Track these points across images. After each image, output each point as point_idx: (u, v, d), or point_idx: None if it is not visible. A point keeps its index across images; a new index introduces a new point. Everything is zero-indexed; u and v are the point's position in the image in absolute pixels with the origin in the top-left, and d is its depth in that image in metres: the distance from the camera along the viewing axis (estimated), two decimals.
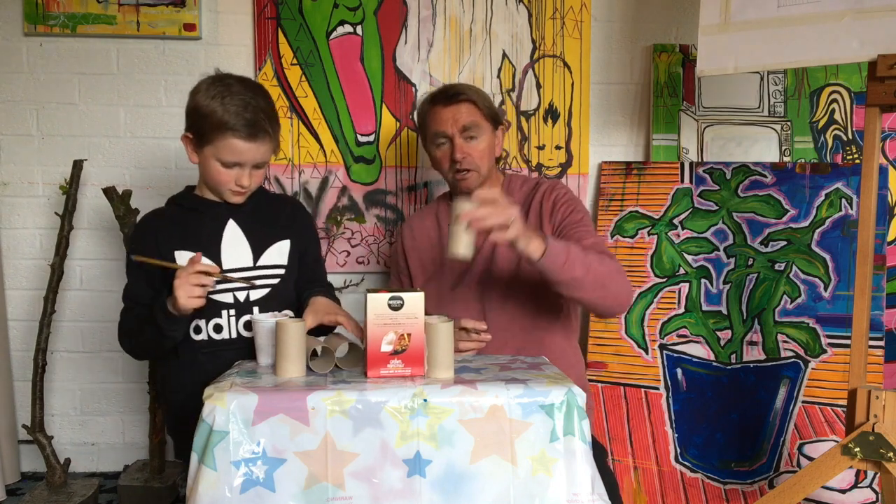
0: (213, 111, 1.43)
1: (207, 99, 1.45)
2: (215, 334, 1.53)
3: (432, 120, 1.68)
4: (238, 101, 1.44)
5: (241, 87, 1.47)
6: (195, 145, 1.51)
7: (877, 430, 1.41)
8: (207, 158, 1.49)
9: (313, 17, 2.19)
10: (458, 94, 1.66)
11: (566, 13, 2.21)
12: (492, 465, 1.12)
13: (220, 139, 1.45)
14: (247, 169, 1.50)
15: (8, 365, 2.23)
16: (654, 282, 2.11)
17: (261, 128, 1.46)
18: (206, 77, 1.52)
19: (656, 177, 2.17)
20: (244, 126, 1.44)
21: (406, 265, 1.78)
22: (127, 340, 1.57)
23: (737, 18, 1.63)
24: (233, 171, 1.49)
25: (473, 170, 1.65)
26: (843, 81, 2.18)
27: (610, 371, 2.09)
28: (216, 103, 1.44)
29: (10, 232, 2.25)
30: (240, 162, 1.48)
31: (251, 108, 1.45)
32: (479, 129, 1.65)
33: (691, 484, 1.97)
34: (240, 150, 1.46)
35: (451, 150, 1.64)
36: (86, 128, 2.23)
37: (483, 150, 1.66)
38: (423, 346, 1.23)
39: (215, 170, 1.49)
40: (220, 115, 1.43)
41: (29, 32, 2.17)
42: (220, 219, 1.56)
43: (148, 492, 2.03)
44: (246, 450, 1.09)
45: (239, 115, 1.43)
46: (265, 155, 1.51)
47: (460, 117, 1.63)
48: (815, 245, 2.03)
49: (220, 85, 1.46)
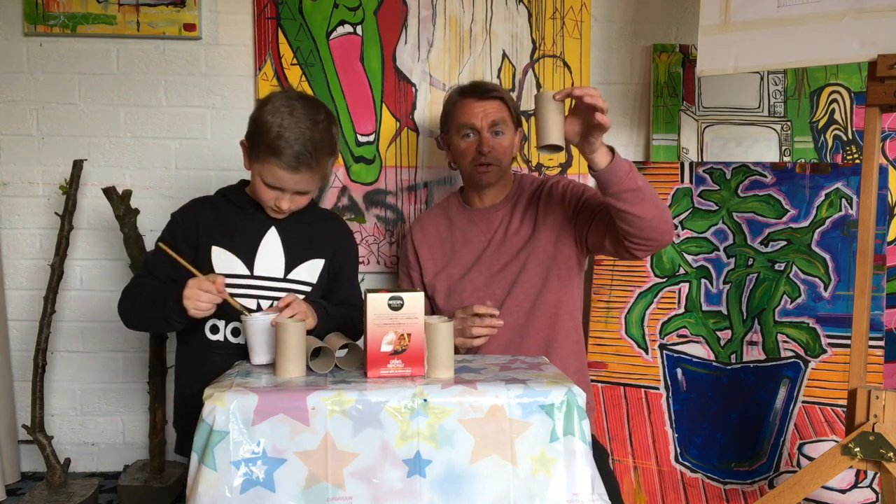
0: (268, 131, 1.42)
1: (269, 115, 1.43)
2: (232, 337, 1.53)
3: (461, 111, 1.70)
4: (295, 131, 1.42)
5: (305, 114, 1.44)
6: (249, 155, 1.51)
7: (877, 430, 1.41)
8: (255, 173, 1.50)
9: (313, 17, 2.19)
10: (490, 90, 1.71)
11: (566, 13, 2.21)
12: (492, 465, 1.12)
13: (265, 160, 1.44)
14: (287, 194, 1.49)
15: (8, 365, 2.23)
16: (654, 282, 2.11)
17: (305, 162, 1.43)
18: (279, 91, 1.52)
19: (656, 177, 2.17)
20: (289, 157, 1.42)
21: (416, 259, 1.79)
22: (129, 309, 1.54)
23: (737, 18, 1.63)
24: (273, 192, 1.49)
25: (496, 164, 1.69)
26: (843, 81, 2.18)
27: (610, 371, 2.09)
28: (275, 125, 1.42)
29: (10, 232, 2.25)
30: (281, 188, 1.48)
31: (302, 141, 1.42)
32: (505, 125, 1.70)
33: (691, 484, 1.97)
34: (281, 178, 1.46)
35: (479, 143, 1.68)
36: (86, 128, 2.22)
37: (507, 147, 1.71)
38: (423, 346, 1.23)
39: (259, 186, 1.50)
40: (272, 139, 1.42)
41: (29, 32, 2.17)
42: (263, 223, 1.57)
43: (148, 492, 2.03)
44: (246, 450, 1.09)
45: (289, 145, 1.41)
46: (308, 185, 1.50)
47: (491, 112, 1.68)
48: (815, 245, 2.03)
49: (287, 106, 1.44)
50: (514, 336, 1.65)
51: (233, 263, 1.53)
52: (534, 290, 1.65)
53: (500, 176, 1.72)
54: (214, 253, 1.53)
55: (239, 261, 1.54)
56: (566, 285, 1.67)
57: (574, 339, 1.69)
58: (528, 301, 1.65)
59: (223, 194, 1.63)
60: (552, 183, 1.73)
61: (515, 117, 1.74)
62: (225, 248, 1.54)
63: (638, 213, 1.42)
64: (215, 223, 1.56)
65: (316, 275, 1.60)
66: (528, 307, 1.65)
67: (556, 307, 1.66)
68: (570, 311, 1.68)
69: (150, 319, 1.52)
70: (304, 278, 1.58)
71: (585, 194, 1.67)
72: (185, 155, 2.24)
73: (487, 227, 1.74)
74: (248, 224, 1.56)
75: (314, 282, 1.59)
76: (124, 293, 1.56)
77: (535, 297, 1.65)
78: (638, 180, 1.41)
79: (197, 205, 1.61)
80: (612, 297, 2.13)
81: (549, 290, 1.65)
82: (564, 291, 1.67)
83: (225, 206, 1.59)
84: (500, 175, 1.72)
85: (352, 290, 1.69)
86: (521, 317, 1.65)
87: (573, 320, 1.69)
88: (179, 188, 2.24)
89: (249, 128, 1.50)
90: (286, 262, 1.57)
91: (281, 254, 1.57)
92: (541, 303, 1.65)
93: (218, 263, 1.53)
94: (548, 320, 1.65)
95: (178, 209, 1.62)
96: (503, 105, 1.70)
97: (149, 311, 1.48)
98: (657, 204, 1.45)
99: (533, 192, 1.74)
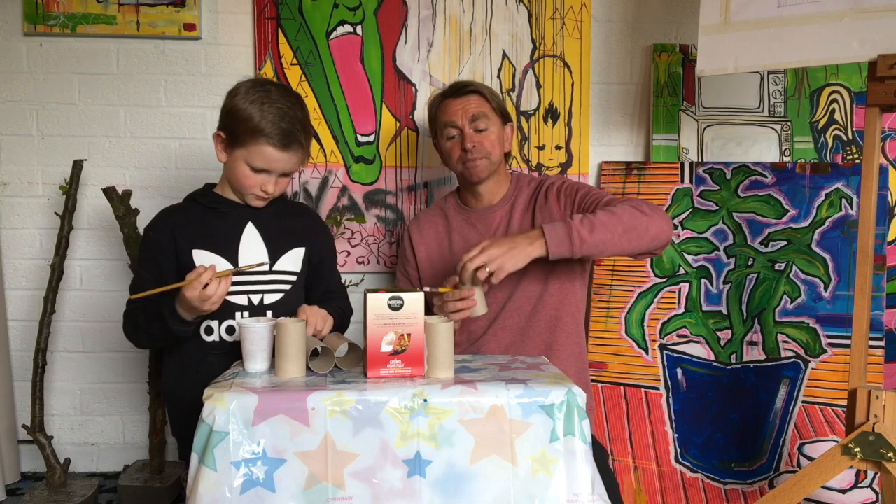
0: (250, 116, 1.45)
1: (246, 102, 1.46)
2: (227, 336, 1.53)
3: (443, 113, 1.71)
4: (276, 110, 1.45)
5: (280, 95, 1.48)
6: (226, 145, 1.52)
7: (877, 430, 1.41)
8: (237, 160, 1.50)
9: (313, 16, 2.19)
10: (466, 85, 1.70)
11: (566, 13, 2.21)
12: (492, 465, 1.11)
13: (253, 144, 1.46)
14: (273, 176, 1.52)
15: (8, 365, 2.23)
16: (654, 282, 2.11)
17: (295, 138, 1.48)
18: (245, 80, 1.53)
19: (656, 177, 2.17)
20: (279, 135, 1.45)
21: (413, 257, 1.80)
22: (133, 333, 1.56)
23: (737, 18, 1.63)
24: (260, 176, 1.51)
25: (484, 157, 1.67)
26: (843, 81, 2.18)
27: (610, 371, 2.09)
28: (254, 108, 1.45)
29: (10, 232, 2.25)
30: (269, 169, 1.50)
31: (288, 118, 1.46)
32: (487, 119, 1.68)
33: (691, 484, 1.97)
34: (271, 158, 1.48)
35: (462, 140, 1.67)
36: (86, 128, 2.22)
37: (493, 141, 1.69)
38: (422, 346, 1.23)
39: (242, 173, 1.51)
40: (257, 121, 1.44)
41: (29, 32, 2.17)
42: (240, 220, 1.58)
43: (148, 492, 2.02)
44: (246, 450, 1.09)
45: (276, 123, 1.45)
46: (295, 165, 1.53)
47: (470, 107, 1.67)
48: (815, 245, 2.03)
49: (261, 90, 1.48)
50: (515, 338, 1.65)
51: (216, 263, 1.53)
52: (534, 293, 1.65)
53: (492, 170, 1.70)
54: (196, 256, 1.53)
55: (222, 259, 1.54)
56: (567, 288, 1.66)
57: (575, 340, 1.68)
58: (529, 304, 1.65)
59: (192, 199, 1.63)
60: (549, 183, 1.71)
61: (499, 110, 1.71)
62: (206, 249, 1.54)
63: (615, 251, 1.43)
64: (190, 228, 1.56)
65: (299, 263, 1.63)
66: (530, 310, 1.65)
67: (557, 309, 1.65)
68: (572, 313, 1.67)
69: (156, 337, 1.52)
70: (288, 268, 1.60)
71: (579, 193, 1.64)
72: (185, 155, 2.24)
73: (486, 228, 1.73)
74: (224, 222, 1.57)
75: (298, 270, 1.62)
76: (126, 318, 1.56)
77: (535, 300, 1.65)
78: (585, 235, 1.39)
79: (167, 214, 1.62)
80: (612, 297, 2.13)
81: (550, 293, 1.65)
82: (565, 294, 1.66)
83: (196, 210, 1.60)
84: (492, 168, 1.70)
85: (333, 279, 1.72)
86: (522, 319, 1.65)
87: (574, 322, 1.68)
88: (179, 188, 2.24)
89: (225, 119, 1.51)
90: (269, 254, 1.58)
91: (262, 247, 1.58)
92: (541, 306, 1.65)
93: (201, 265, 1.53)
94: (549, 323, 1.65)
95: (149, 223, 1.61)
96: (482, 99, 1.69)
97: (150, 328, 1.49)
98: (629, 227, 1.42)
99: (531, 193, 1.73)
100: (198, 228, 1.56)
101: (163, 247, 1.54)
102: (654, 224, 1.46)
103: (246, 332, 1.29)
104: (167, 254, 1.54)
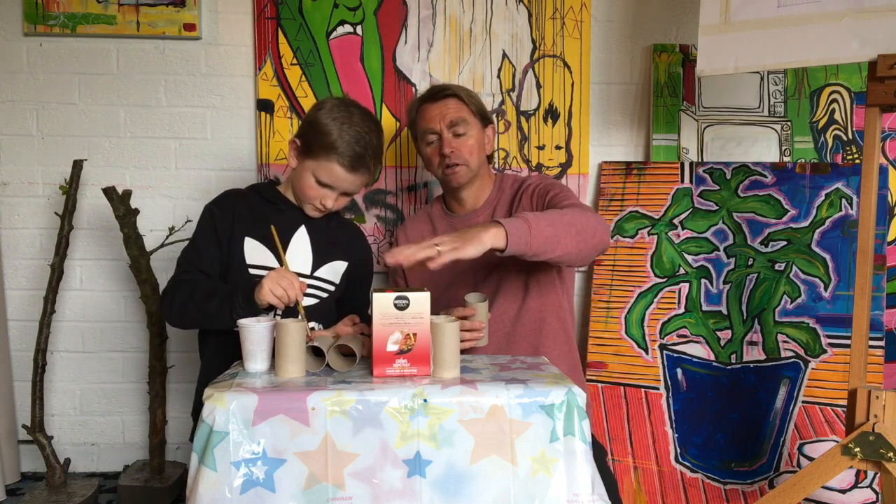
0: (328, 132, 1.53)
1: (328, 119, 1.54)
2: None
3: (421, 118, 1.70)
4: (354, 132, 1.53)
5: (361, 119, 1.56)
6: (299, 153, 1.59)
7: (877, 430, 1.41)
8: (305, 170, 1.57)
9: (313, 16, 2.19)
10: (444, 89, 1.69)
11: (566, 13, 2.21)
12: (492, 465, 1.12)
13: (324, 159, 1.54)
14: (335, 193, 1.59)
15: (8, 365, 2.23)
16: (654, 282, 2.11)
17: (364, 163, 1.56)
18: (333, 97, 1.62)
19: (656, 177, 2.17)
20: (351, 156, 1.53)
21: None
22: (182, 304, 1.52)
23: (737, 18, 1.63)
24: (323, 190, 1.58)
25: (462, 164, 1.66)
26: (843, 81, 2.18)
27: (610, 371, 2.09)
28: (335, 126, 1.53)
29: (10, 232, 2.25)
30: (332, 185, 1.57)
31: (363, 143, 1.54)
32: (466, 124, 1.66)
33: (691, 484, 1.97)
34: (338, 177, 1.55)
35: (440, 146, 1.66)
36: (86, 128, 2.23)
37: (472, 146, 1.66)
38: (428, 345, 1.23)
39: (308, 183, 1.57)
40: (334, 139, 1.52)
41: (29, 32, 2.17)
42: (295, 221, 1.64)
43: (148, 492, 2.03)
44: (246, 450, 1.09)
45: (350, 145, 1.53)
46: (357, 188, 1.62)
47: (447, 112, 1.66)
48: (815, 245, 2.03)
49: (344, 111, 1.56)
50: (501, 344, 1.64)
51: (264, 255, 1.59)
52: (516, 297, 1.64)
53: (472, 175, 1.68)
54: (247, 244, 1.59)
55: (271, 254, 1.59)
56: (546, 290, 1.65)
57: (562, 339, 1.68)
58: (512, 309, 1.65)
59: (256, 190, 1.69)
60: (528, 183, 1.70)
61: (479, 113, 1.69)
62: (257, 240, 1.59)
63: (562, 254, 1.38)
64: (249, 216, 1.62)
65: (339, 276, 1.69)
66: (514, 314, 1.65)
67: (540, 311, 1.65)
68: (555, 312, 1.67)
69: (207, 313, 1.49)
70: (328, 277, 1.66)
71: (549, 194, 1.61)
72: (185, 155, 2.24)
73: None
74: (281, 219, 1.61)
75: (337, 282, 1.68)
76: (174, 289, 1.55)
77: (518, 305, 1.65)
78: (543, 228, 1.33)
79: (232, 197, 1.67)
80: (612, 297, 2.13)
81: (531, 297, 1.64)
82: (546, 295, 1.65)
83: (258, 201, 1.66)
84: (471, 174, 1.68)
85: (365, 300, 1.76)
86: (507, 324, 1.65)
87: (560, 322, 1.68)
88: (179, 188, 2.24)
89: (304, 129, 1.58)
90: (314, 259, 1.64)
91: (309, 251, 1.64)
92: (525, 310, 1.64)
93: (250, 254, 1.59)
94: (534, 325, 1.65)
95: (211, 201, 1.66)
96: (460, 103, 1.67)
97: (207, 304, 1.48)
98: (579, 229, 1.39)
99: (512, 195, 1.71)
100: (255, 217, 1.61)
101: (224, 222, 1.60)
102: (598, 231, 1.44)
103: (246, 332, 1.29)
104: (224, 230, 1.60)
